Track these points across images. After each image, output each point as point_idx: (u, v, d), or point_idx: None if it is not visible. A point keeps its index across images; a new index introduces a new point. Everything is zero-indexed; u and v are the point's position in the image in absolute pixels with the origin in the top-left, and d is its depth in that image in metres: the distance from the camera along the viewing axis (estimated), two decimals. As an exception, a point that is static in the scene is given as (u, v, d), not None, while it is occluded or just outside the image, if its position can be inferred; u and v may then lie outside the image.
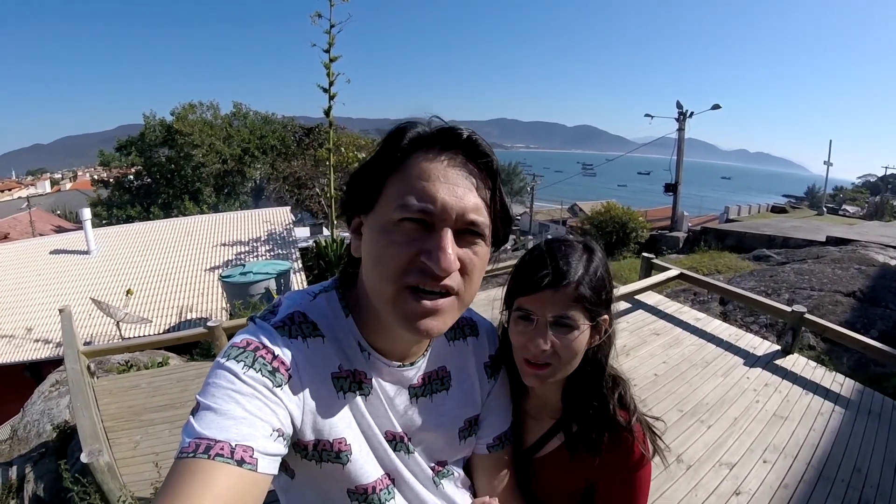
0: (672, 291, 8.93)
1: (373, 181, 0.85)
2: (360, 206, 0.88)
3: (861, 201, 49.65)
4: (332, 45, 12.97)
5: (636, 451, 1.14)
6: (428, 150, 0.83)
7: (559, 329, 1.06)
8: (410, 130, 0.84)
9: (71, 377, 4.79)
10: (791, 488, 3.53)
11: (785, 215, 29.10)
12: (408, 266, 0.79)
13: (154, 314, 13.43)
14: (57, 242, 17.22)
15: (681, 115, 22.55)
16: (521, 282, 1.10)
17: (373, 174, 0.85)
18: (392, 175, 0.83)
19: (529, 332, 1.08)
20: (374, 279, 0.83)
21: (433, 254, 0.78)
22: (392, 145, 0.84)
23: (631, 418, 1.17)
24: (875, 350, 5.15)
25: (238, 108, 34.29)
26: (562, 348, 1.07)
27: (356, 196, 0.89)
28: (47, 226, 30.85)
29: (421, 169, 0.81)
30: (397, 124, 0.87)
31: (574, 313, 1.06)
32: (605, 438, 1.14)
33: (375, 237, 0.83)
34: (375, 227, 0.83)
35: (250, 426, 0.74)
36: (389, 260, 0.80)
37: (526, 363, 1.10)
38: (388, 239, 0.80)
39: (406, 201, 0.79)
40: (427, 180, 0.80)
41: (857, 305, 8.13)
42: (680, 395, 4.68)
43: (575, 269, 1.06)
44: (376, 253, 0.82)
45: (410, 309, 0.80)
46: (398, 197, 0.80)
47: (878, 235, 14.38)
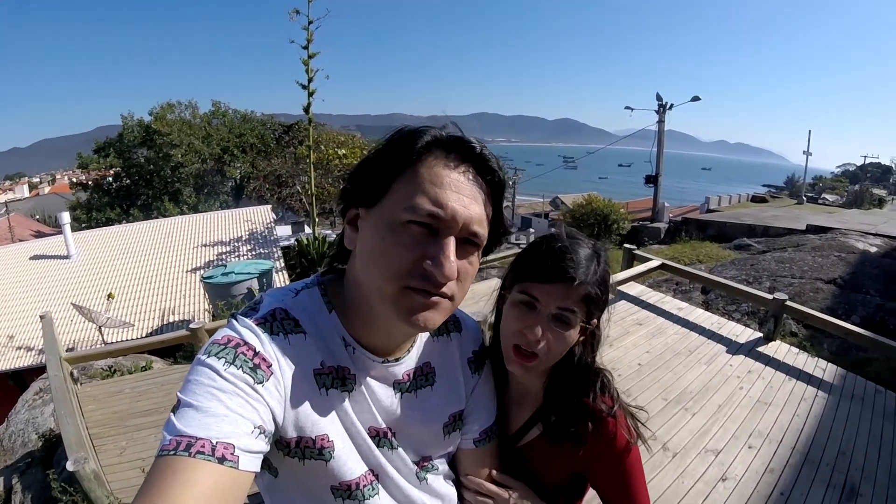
0: (654, 282, 9.00)
1: (382, 176, 0.85)
2: (362, 199, 0.88)
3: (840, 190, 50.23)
4: (310, 42, 12.90)
5: (619, 437, 1.14)
6: (442, 157, 0.83)
7: (558, 323, 1.06)
8: (428, 134, 0.84)
9: (54, 384, 4.73)
10: (777, 473, 3.57)
11: (765, 205, 29.40)
12: (411, 268, 0.80)
13: (136, 318, 13.30)
14: (36, 248, 16.98)
15: (661, 108, 22.70)
16: (534, 268, 1.09)
17: (382, 169, 0.85)
18: (403, 174, 0.83)
19: (528, 319, 1.08)
20: (375, 275, 0.83)
21: (437, 260, 0.79)
22: (407, 145, 0.83)
23: (612, 406, 1.17)
24: (857, 335, 5.23)
25: (217, 106, 34.00)
26: (553, 343, 1.07)
27: (360, 188, 0.88)
28: (26, 231, 30.43)
29: (434, 174, 0.81)
30: (408, 127, 0.87)
31: (576, 311, 1.06)
32: (586, 428, 1.14)
33: (379, 234, 0.82)
34: (380, 223, 0.83)
35: (231, 423, 0.73)
36: (393, 260, 0.80)
37: (514, 350, 1.11)
38: (393, 238, 0.81)
39: (416, 203, 0.79)
40: (439, 186, 0.80)
41: (837, 292, 8.25)
42: (664, 383, 4.72)
43: (587, 268, 1.06)
44: (380, 250, 0.82)
45: (412, 303, 0.82)
46: (408, 197, 0.80)
47: (857, 223, 14.57)
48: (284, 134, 32.54)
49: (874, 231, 12.74)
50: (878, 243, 11.33)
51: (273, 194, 25.65)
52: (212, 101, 35.09)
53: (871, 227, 13.40)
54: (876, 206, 33.06)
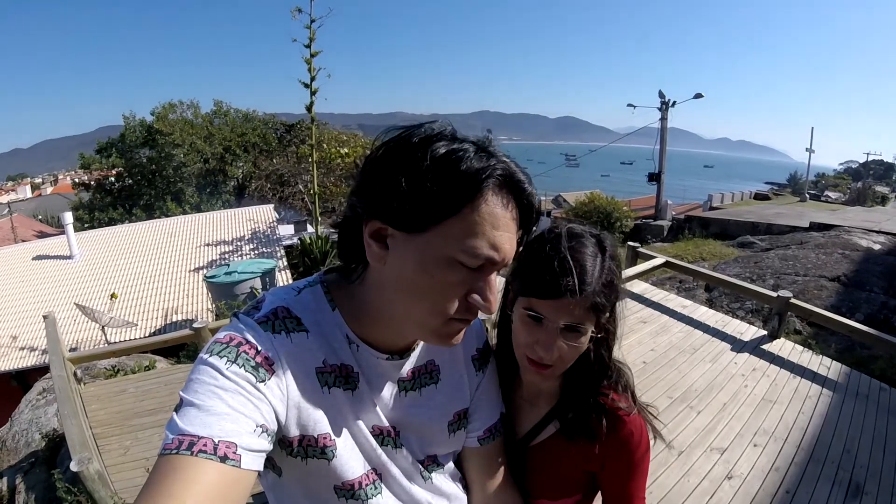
0: (658, 279, 8.99)
1: (434, 206, 0.76)
2: (400, 220, 0.79)
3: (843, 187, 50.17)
4: (312, 41, 12.91)
5: (635, 436, 1.14)
6: (499, 196, 0.79)
7: (568, 335, 1.05)
8: (489, 169, 0.77)
9: (57, 384, 4.74)
10: (782, 471, 3.56)
11: (768, 202, 29.37)
12: (457, 302, 0.82)
13: (139, 317, 13.34)
14: (39, 248, 17.05)
15: (663, 105, 22.68)
16: (535, 284, 1.05)
17: (435, 198, 0.76)
18: (461, 212, 0.76)
19: (538, 334, 1.06)
20: (419, 309, 0.83)
21: (484, 296, 0.82)
22: (468, 179, 0.76)
23: (629, 404, 1.17)
24: (861, 333, 5.21)
25: (219, 106, 33.97)
26: (567, 351, 1.06)
27: (398, 206, 0.78)
28: (29, 231, 30.50)
29: (494, 215, 0.78)
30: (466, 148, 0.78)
31: (586, 320, 1.05)
32: (602, 425, 1.14)
33: (426, 268, 0.79)
34: (428, 255, 0.79)
35: (234, 422, 0.73)
36: (444, 299, 0.81)
37: (529, 361, 1.09)
38: (443, 276, 0.79)
39: (475, 247, 0.77)
40: (497, 229, 0.78)
41: (841, 290, 8.23)
42: (669, 381, 4.70)
43: (591, 274, 1.03)
44: (426, 285, 0.80)
45: (451, 331, 0.86)
46: (465, 237, 0.77)
47: (860, 221, 14.53)
48: (286, 133, 32.53)
49: (877, 228, 12.70)
50: (882, 241, 11.30)
51: (275, 194, 25.66)
52: (213, 100, 35.10)
53: (875, 225, 13.37)
54: (879, 203, 33.06)
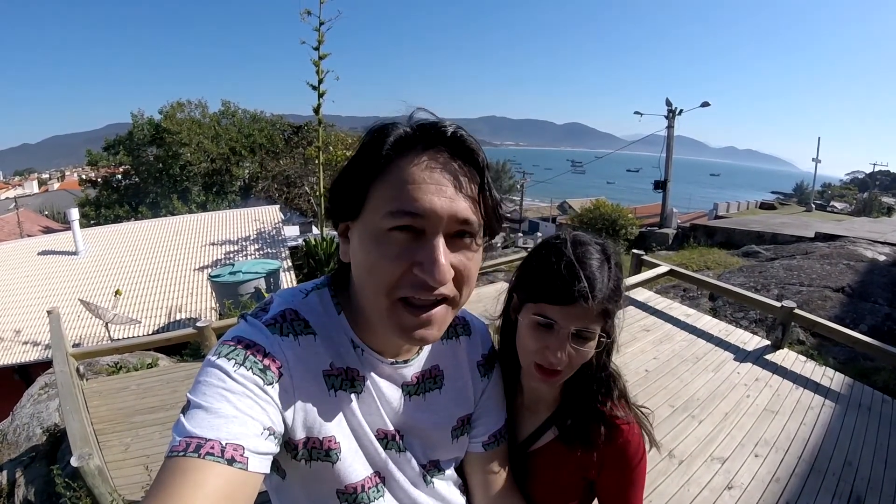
0: (662, 287, 8.97)
1: (356, 187, 0.82)
2: (345, 213, 0.86)
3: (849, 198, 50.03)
4: (321, 43, 12.94)
5: (632, 444, 1.15)
6: (411, 152, 0.79)
7: (578, 340, 1.06)
8: (392, 132, 0.80)
9: (60, 380, 4.75)
10: (783, 482, 3.54)
11: (773, 212, 29.28)
12: (400, 279, 0.78)
13: (143, 315, 13.34)
14: (45, 243, 17.07)
15: (670, 113, 22.67)
16: (547, 290, 1.06)
17: (356, 180, 0.82)
18: (376, 180, 0.80)
19: (549, 340, 1.06)
20: (367, 291, 0.82)
21: (426, 266, 0.76)
22: (373, 149, 0.80)
23: (627, 412, 1.17)
24: (864, 344, 5.19)
25: (227, 106, 34.06)
26: (576, 357, 1.07)
27: (340, 202, 0.86)
28: (35, 226, 30.59)
29: (406, 173, 0.78)
30: (376, 124, 0.83)
31: (595, 326, 1.06)
32: (600, 432, 1.14)
33: (365, 247, 0.80)
34: (364, 235, 0.81)
35: (241, 425, 0.73)
36: (381, 273, 0.78)
37: (537, 368, 1.10)
38: (378, 251, 0.78)
39: (393, 208, 0.76)
40: (413, 183, 0.77)
41: (846, 301, 8.19)
42: (671, 390, 4.69)
43: (601, 281, 1.04)
44: (368, 264, 0.80)
45: (405, 321, 0.80)
46: (385, 204, 0.78)
47: (866, 231, 14.47)
48: (293, 135, 32.62)
49: (883, 239, 12.64)
50: (887, 252, 11.25)
51: (281, 195, 25.72)
52: (221, 100, 35.13)
53: (880, 236, 13.31)
54: (885, 214, 32.95)
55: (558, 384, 1.19)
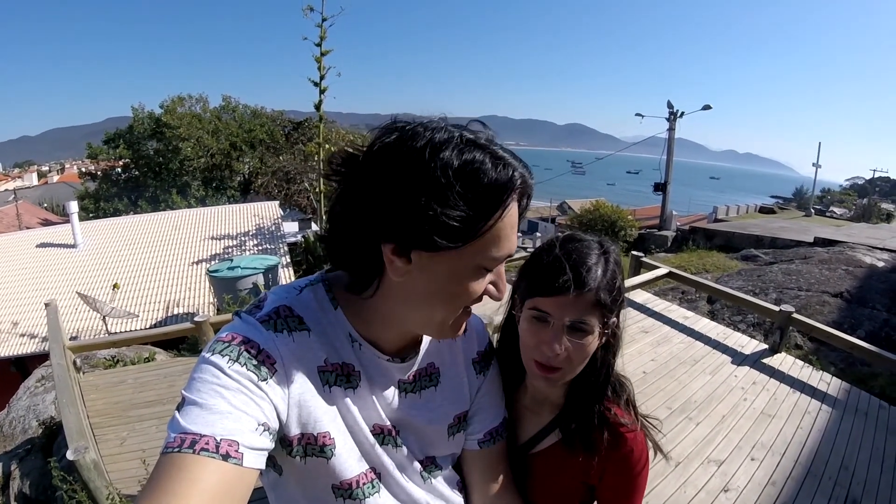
0: (660, 290, 8.98)
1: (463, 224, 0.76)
2: (426, 242, 0.77)
3: (849, 203, 50.04)
4: (323, 39, 12.94)
5: (636, 452, 1.14)
6: (517, 201, 0.83)
7: (574, 333, 1.05)
8: (512, 175, 0.78)
9: (57, 372, 4.75)
10: (779, 485, 3.56)
11: (773, 216, 29.29)
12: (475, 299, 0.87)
13: (141, 309, 13.35)
14: (43, 236, 17.08)
15: (671, 115, 22.65)
16: (540, 282, 1.07)
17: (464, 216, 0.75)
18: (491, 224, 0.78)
19: (544, 334, 1.06)
20: (440, 310, 0.87)
21: (499, 287, 0.88)
22: (498, 196, 0.77)
23: (633, 420, 1.16)
24: (862, 350, 5.21)
25: (227, 101, 34.00)
26: (575, 352, 1.06)
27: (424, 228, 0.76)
28: (34, 219, 30.57)
29: (513, 221, 0.83)
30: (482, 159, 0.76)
31: (590, 318, 1.05)
32: (604, 438, 1.13)
33: (455, 279, 0.83)
34: (456, 268, 0.82)
35: (236, 421, 0.73)
36: (465, 299, 0.86)
37: (536, 365, 1.10)
38: (468, 282, 0.84)
39: (500, 253, 0.83)
40: (514, 231, 0.83)
41: (844, 306, 8.21)
42: (668, 392, 4.70)
43: (594, 273, 1.04)
44: (454, 292, 0.85)
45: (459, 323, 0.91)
46: (492, 246, 0.81)
47: (865, 237, 14.51)
48: (294, 131, 32.57)
49: (882, 245, 12.68)
50: (886, 258, 11.28)
51: (280, 191, 25.70)
52: (222, 95, 35.05)
53: (879, 242, 13.35)
54: (884, 220, 32.94)
55: (562, 385, 1.18)
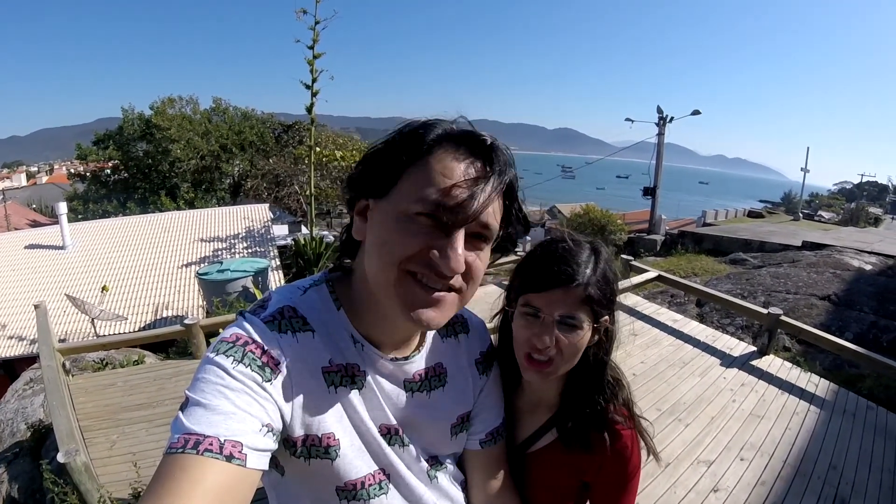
0: (650, 293, 9.01)
1: (392, 167, 0.83)
2: (372, 190, 0.86)
3: (837, 207, 50.38)
4: (316, 42, 12.90)
5: (631, 450, 1.16)
6: (452, 150, 0.82)
7: (564, 328, 1.06)
8: (439, 127, 0.84)
9: (46, 375, 4.71)
10: (768, 485, 3.58)
11: (761, 220, 29.44)
12: (415, 255, 0.79)
13: (130, 311, 13.28)
14: (32, 237, 16.95)
15: (661, 120, 22.74)
16: (531, 278, 1.09)
17: (392, 161, 0.83)
18: (413, 165, 0.81)
19: (535, 328, 1.08)
20: (377, 263, 0.82)
21: (444, 252, 0.78)
22: (418, 137, 0.82)
23: (628, 419, 1.18)
24: (849, 352, 5.24)
25: (218, 103, 33.89)
26: (565, 346, 1.07)
27: (370, 179, 0.86)
28: (22, 220, 30.33)
29: (445, 166, 0.80)
30: (425, 120, 0.86)
31: (580, 314, 1.06)
32: (601, 437, 1.15)
33: (387, 225, 0.82)
34: (389, 214, 0.82)
35: (240, 421, 0.73)
36: (398, 246, 0.79)
37: (528, 359, 1.11)
38: (400, 227, 0.80)
39: (426, 195, 0.78)
40: (451, 179, 0.79)
41: (832, 308, 8.28)
42: (658, 394, 4.72)
43: (584, 269, 1.06)
44: (385, 238, 0.81)
45: (412, 295, 0.81)
46: (418, 189, 0.79)
47: (853, 241, 14.64)
48: (284, 133, 32.49)
49: (869, 249, 12.80)
50: (873, 261, 11.38)
51: (270, 193, 25.63)
52: (213, 97, 34.95)
53: (867, 245, 13.47)
54: (872, 224, 33.20)
55: (557, 384, 1.20)
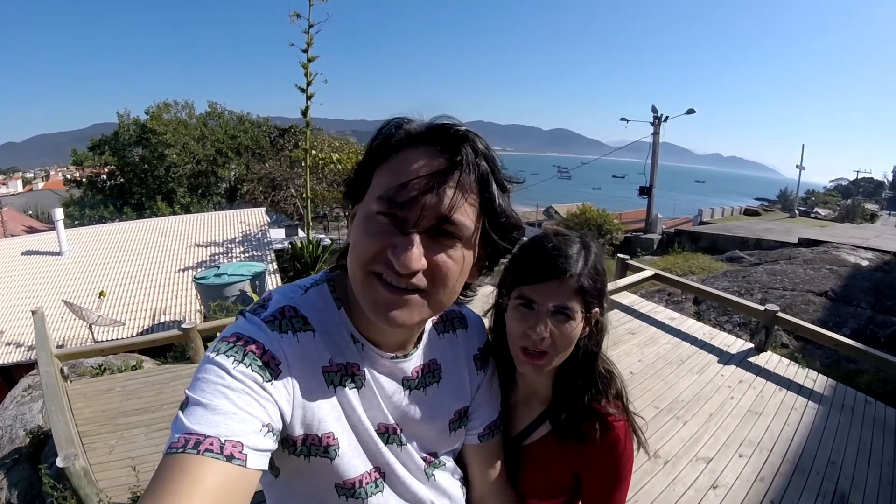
0: (647, 292, 9.02)
1: (364, 171, 0.86)
2: (353, 194, 0.90)
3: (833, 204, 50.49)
4: (310, 45, 12.91)
5: (622, 441, 1.17)
6: (417, 146, 0.81)
7: (558, 318, 1.08)
8: (405, 124, 0.84)
9: (44, 380, 4.70)
10: (767, 481, 3.58)
11: (757, 218, 29.51)
12: (375, 255, 0.79)
13: (127, 317, 13.25)
14: (29, 243, 16.91)
15: (656, 119, 22.79)
16: (525, 272, 1.11)
17: (365, 164, 0.86)
18: (381, 166, 0.83)
19: (530, 320, 1.10)
20: (349, 265, 0.84)
21: (396, 250, 0.77)
22: (384, 137, 0.84)
23: (620, 412, 1.19)
24: (847, 347, 5.25)
25: (213, 107, 33.83)
26: (559, 337, 1.09)
27: (352, 183, 0.90)
28: (19, 226, 30.30)
29: (404, 164, 0.79)
30: (395, 117, 0.87)
31: (573, 304, 1.08)
32: (593, 428, 1.16)
33: (356, 226, 0.83)
34: (359, 216, 0.84)
35: (240, 421, 0.73)
36: (361, 247, 0.80)
37: (523, 352, 1.12)
38: (364, 228, 0.81)
39: (383, 194, 0.79)
40: (406, 175, 0.78)
41: (829, 304, 8.29)
42: (656, 392, 4.73)
43: (576, 261, 1.09)
44: (353, 240, 0.83)
45: (376, 295, 0.81)
46: (379, 188, 0.80)
47: (849, 237, 14.66)
48: (279, 137, 32.45)
49: (865, 245, 12.82)
50: (870, 257, 11.41)
51: (266, 197, 25.59)
52: (208, 102, 34.86)
53: (863, 241, 13.50)
54: (868, 220, 33.28)
55: (550, 377, 1.21)
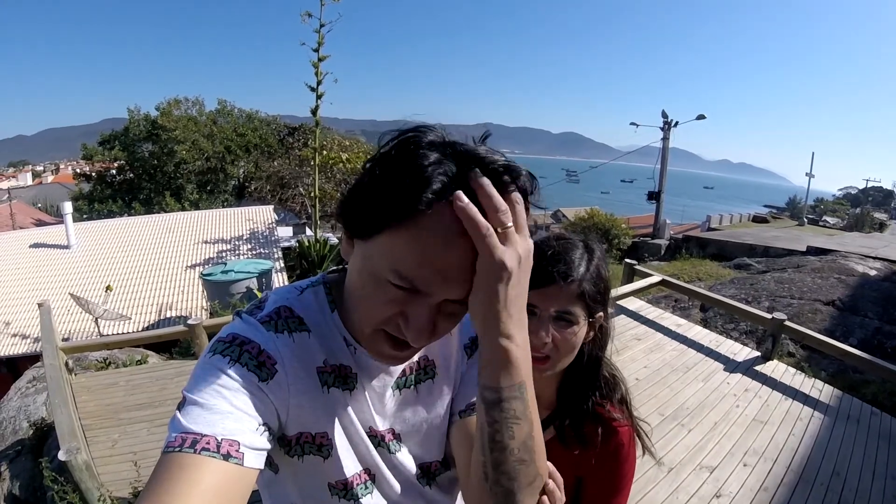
0: (653, 297, 9.00)
1: (375, 214, 0.72)
2: (354, 228, 0.77)
3: (842, 213, 50.31)
4: (321, 45, 12.93)
5: (625, 447, 1.16)
6: (440, 210, 0.68)
7: (560, 323, 1.08)
8: (434, 180, 0.67)
9: (49, 373, 4.72)
10: (771, 491, 3.56)
11: (766, 225, 29.45)
12: (387, 320, 0.77)
13: (133, 311, 13.31)
14: (37, 236, 17.03)
15: (666, 125, 22.73)
16: None
17: (377, 206, 0.71)
18: (396, 225, 0.70)
19: (531, 325, 1.06)
20: (357, 314, 0.83)
21: (410, 324, 0.75)
22: (411, 188, 0.67)
23: (624, 417, 1.18)
24: (854, 357, 5.22)
25: (223, 105, 34.01)
26: (562, 342, 1.09)
27: (353, 213, 0.77)
28: (28, 219, 30.47)
29: (423, 240, 0.69)
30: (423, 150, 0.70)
31: (575, 309, 1.08)
32: (597, 432, 1.15)
33: (363, 278, 0.77)
34: (367, 266, 0.76)
35: (237, 421, 0.73)
36: (372, 310, 0.77)
37: None
38: (373, 291, 0.76)
39: (399, 269, 0.71)
40: (424, 257, 0.70)
41: (836, 314, 8.25)
42: (661, 399, 4.71)
43: (578, 266, 1.08)
44: (361, 293, 0.79)
45: (383, 349, 0.82)
46: (393, 255, 0.71)
47: (857, 246, 14.57)
48: (288, 136, 32.58)
49: (874, 254, 12.74)
50: (878, 267, 11.34)
51: (275, 195, 25.68)
52: (218, 99, 35.12)
53: (872, 251, 13.41)
54: (877, 229, 33.10)
55: (553, 381, 1.20)
